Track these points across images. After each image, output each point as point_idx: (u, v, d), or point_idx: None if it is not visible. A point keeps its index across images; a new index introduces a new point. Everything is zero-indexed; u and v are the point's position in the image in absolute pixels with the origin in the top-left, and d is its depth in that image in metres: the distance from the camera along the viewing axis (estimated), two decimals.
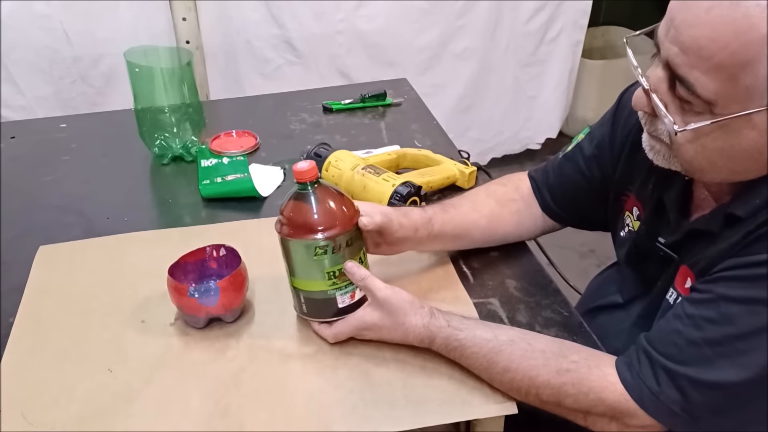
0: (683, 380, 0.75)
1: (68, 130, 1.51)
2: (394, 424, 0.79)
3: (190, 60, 1.33)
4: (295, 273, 0.89)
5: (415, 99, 1.62)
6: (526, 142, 2.86)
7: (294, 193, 0.87)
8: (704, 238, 0.82)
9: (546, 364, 0.81)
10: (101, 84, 2.18)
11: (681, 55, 0.70)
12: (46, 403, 0.83)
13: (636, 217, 0.97)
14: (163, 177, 1.35)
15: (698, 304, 0.76)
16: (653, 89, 0.75)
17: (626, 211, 0.99)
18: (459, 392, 0.83)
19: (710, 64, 0.68)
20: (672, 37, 0.71)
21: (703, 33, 0.67)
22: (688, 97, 0.72)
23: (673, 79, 0.73)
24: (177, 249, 0.98)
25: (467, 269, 1.05)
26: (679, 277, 0.87)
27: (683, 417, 0.76)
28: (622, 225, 1.00)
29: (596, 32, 3.03)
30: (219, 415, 0.81)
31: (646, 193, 0.94)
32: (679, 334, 0.76)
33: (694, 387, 0.74)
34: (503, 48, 2.58)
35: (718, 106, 0.70)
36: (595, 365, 0.81)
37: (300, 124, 1.52)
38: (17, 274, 1.05)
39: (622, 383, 0.78)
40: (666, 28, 0.72)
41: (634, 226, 0.97)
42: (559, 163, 1.06)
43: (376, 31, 2.37)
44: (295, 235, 0.86)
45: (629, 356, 0.81)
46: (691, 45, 0.69)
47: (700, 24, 0.67)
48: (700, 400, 0.75)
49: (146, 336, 0.93)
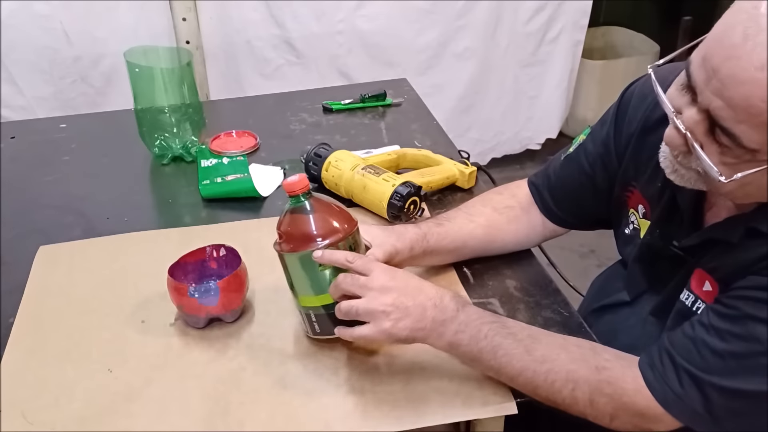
0: (707, 386, 0.75)
1: (68, 130, 1.51)
2: (394, 424, 0.79)
3: (190, 60, 1.33)
4: (302, 290, 0.87)
5: (415, 99, 1.62)
6: (526, 142, 2.86)
7: (289, 208, 0.86)
8: (721, 245, 0.82)
9: (584, 359, 0.80)
10: (101, 84, 2.18)
11: (727, 109, 0.68)
12: (46, 403, 0.83)
13: (642, 215, 0.96)
14: (163, 177, 1.35)
15: (724, 319, 0.76)
16: (689, 129, 0.73)
17: (630, 207, 0.98)
18: (459, 392, 0.83)
19: (759, 120, 0.66)
20: (716, 89, 0.68)
21: (754, 93, 0.65)
22: (730, 144, 0.70)
23: (713, 126, 0.71)
24: (177, 249, 0.98)
25: (467, 269, 1.05)
26: (694, 280, 0.86)
27: (706, 417, 0.76)
28: (626, 222, 0.99)
29: (596, 32, 3.02)
30: (219, 415, 0.81)
31: (653, 190, 0.92)
32: (704, 344, 0.76)
33: (718, 392, 0.75)
34: (503, 48, 2.58)
35: (760, 152, 0.69)
36: (627, 365, 0.80)
37: (300, 124, 1.52)
38: (17, 274, 1.05)
39: (646, 385, 0.78)
40: (707, 76, 0.69)
41: (639, 224, 0.97)
42: (561, 164, 1.05)
43: (376, 31, 2.37)
44: (297, 248, 0.85)
45: (651, 357, 0.80)
46: (740, 102, 0.66)
47: (751, 82, 0.65)
48: (724, 404, 0.75)
49: (146, 336, 0.93)
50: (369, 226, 0.91)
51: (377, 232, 0.95)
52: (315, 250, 0.83)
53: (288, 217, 0.87)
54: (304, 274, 0.86)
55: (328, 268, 0.85)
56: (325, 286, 0.85)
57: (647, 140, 0.92)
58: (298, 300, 0.89)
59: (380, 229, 0.96)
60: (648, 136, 0.92)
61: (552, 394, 0.81)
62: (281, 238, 0.87)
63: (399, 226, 1.00)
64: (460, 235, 1.02)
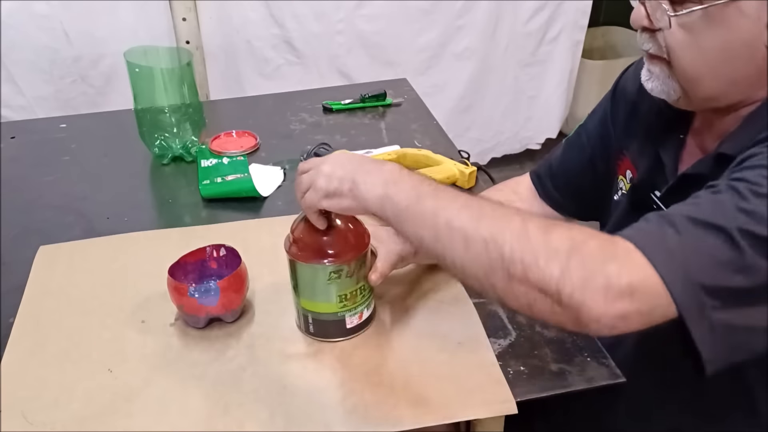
0: (677, 217, 0.69)
1: (68, 130, 1.51)
2: (394, 424, 0.79)
3: (190, 60, 1.33)
4: (304, 294, 0.88)
5: (415, 99, 1.62)
6: (526, 142, 2.86)
7: (306, 216, 0.86)
8: (696, 186, 0.78)
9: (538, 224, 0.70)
10: (101, 84, 2.19)
11: None
12: (46, 403, 0.83)
13: (629, 180, 0.99)
14: (163, 177, 1.35)
15: (686, 203, 0.72)
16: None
17: (620, 174, 1.01)
18: (459, 392, 0.83)
19: None
20: None
21: None
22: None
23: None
24: (177, 249, 0.98)
25: None
26: None
27: (677, 253, 0.67)
28: (616, 189, 1.02)
29: (596, 32, 3.02)
30: (219, 415, 0.81)
31: (641, 154, 0.96)
32: (667, 216, 0.70)
33: (686, 221, 0.68)
34: (503, 48, 2.59)
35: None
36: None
37: (300, 124, 1.52)
38: (17, 274, 1.05)
39: (623, 237, 0.68)
40: None
41: (626, 189, 0.99)
42: (563, 148, 1.10)
43: (376, 31, 2.37)
44: (308, 259, 0.85)
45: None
46: None
47: None
48: (692, 233, 0.67)
49: (146, 336, 0.93)
50: (374, 227, 0.91)
51: (383, 234, 0.94)
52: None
53: (304, 225, 0.86)
54: (310, 283, 0.87)
55: (335, 282, 0.85)
56: (330, 297, 0.87)
57: (639, 108, 0.98)
58: (300, 301, 0.89)
59: (386, 231, 0.95)
60: (640, 105, 0.98)
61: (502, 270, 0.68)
62: (294, 243, 0.87)
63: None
64: None
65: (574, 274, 0.64)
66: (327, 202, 0.79)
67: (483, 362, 0.87)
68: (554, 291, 0.64)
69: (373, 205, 0.76)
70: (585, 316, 0.64)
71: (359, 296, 0.89)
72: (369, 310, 0.92)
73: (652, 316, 0.65)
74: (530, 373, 0.85)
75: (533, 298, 0.66)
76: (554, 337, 0.91)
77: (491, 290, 0.69)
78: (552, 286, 0.64)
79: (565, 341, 0.90)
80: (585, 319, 0.64)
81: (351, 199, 0.77)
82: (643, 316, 0.65)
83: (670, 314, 0.66)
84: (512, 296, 0.68)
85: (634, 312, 0.64)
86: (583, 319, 0.64)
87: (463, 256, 0.70)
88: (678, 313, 0.65)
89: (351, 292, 0.87)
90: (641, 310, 0.65)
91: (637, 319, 0.65)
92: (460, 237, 0.69)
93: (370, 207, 0.76)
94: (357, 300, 0.88)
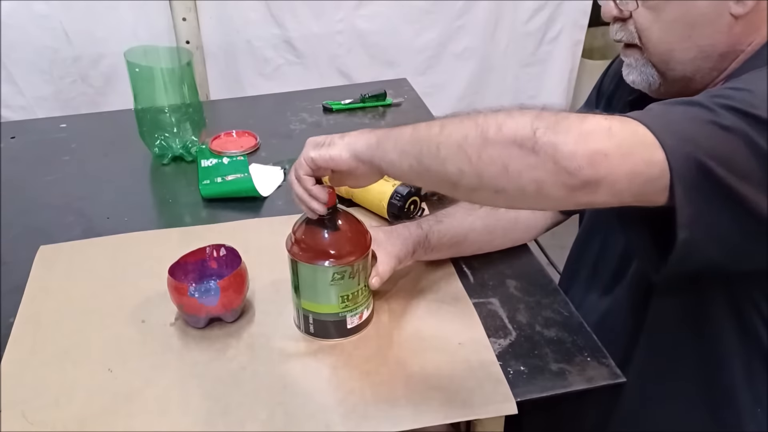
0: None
1: (68, 130, 1.52)
2: (394, 424, 0.79)
3: (190, 60, 1.33)
4: (305, 294, 0.88)
5: (415, 99, 1.62)
6: None
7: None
8: None
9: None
10: (101, 84, 2.18)
11: None
12: (46, 403, 0.83)
13: None
14: (163, 177, 1.35)
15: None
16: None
17: None
18: (459, 392, 0.83)
19: None
20: None
21: None
22: None
23: None
24: (177, 249, 0.98)
25: (467, 269, 1.05)
26: None
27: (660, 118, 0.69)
28: None
29: (596, 32, 3.02)
30: (219, 415, 0.81)
31: None
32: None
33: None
34: (503, 48, 2.58)
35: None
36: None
37: (300, 124, 1.52)
38: (17, 274, 1.05)
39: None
40: None
41: None
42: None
43: (376, 31, 2.37)
44: (311, 260, 0.85)
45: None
46: None
47: None
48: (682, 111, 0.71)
49: (146, 336, 0.93)
50: (372, 228, 0.91)
51: (381, 237, 0.94)
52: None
53: (307, 227, 0.87)
54: (311, 284, 0.87)
55: (338, 283, 0.85)
56: (331, 298, 0.87)
57: (613, 105, 1.04)
58: (300, 301, 0.89)
59: (384, 233, 0.96)
60: (614, 101, 1.03)
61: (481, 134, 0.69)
62: (296, 243, 0.87)
63: (400, 226, 1.00)
64: (460, 230, 1.03)
65: (547, 117, 0.65)
66: (315, 152, 0.81)
67: (483, 362, 0.87)
68: (528, 135, 0.64)
69: (361, 147, 0.78)
70: (559, 155, 0.63)
71: (360, 297, 0.89)
72: (369, 309, 0.92)
73: (634, 158, 0.64)
74: (530, 373, 0.85)
75: (507, 156, 0.65)
76: (554, 337, 0.91)
77: (467, 164, 0.67)
78: (527, 131, 0.64)
79: (565, 341, 0.90)
80: (560, 158, 0.63)
81: (340, 146, 0.79)
82: (624, 157, 0.64)
83: (655, 159, 0.64)
84: (488, 161, 0.66)
85: (613, 148, 0.63)
86: (559, 159, 0.63)
87: (440, 143, 0.70)
88: (664, 157, 0.64)
89: (353, 293, 0.87)
90: (621, 148, 0.64)
91: (618, 160, 0.63)
92: (444, 137, 0.70)
93: (359, 150, 0.78)
94: (358, 300, 0.89)
